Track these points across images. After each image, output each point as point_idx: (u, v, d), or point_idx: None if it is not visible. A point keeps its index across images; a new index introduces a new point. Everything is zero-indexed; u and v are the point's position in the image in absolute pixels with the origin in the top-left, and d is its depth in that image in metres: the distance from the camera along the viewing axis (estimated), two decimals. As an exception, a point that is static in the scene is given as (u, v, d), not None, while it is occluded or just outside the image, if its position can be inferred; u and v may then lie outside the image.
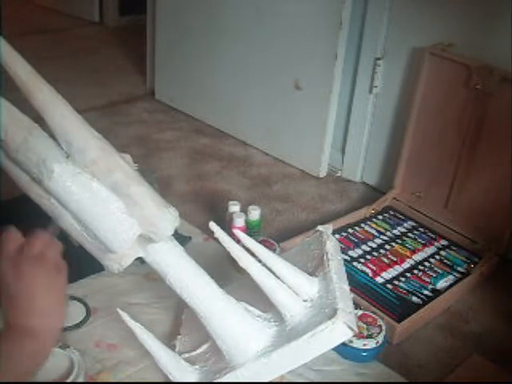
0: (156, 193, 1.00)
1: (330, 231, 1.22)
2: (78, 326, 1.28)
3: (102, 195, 0.96)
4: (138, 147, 2.17)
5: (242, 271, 1.11)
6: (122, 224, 0.96)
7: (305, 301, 1.06)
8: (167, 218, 0.98)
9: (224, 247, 1.09)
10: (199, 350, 1.16)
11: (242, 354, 1.03)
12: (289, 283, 1.07)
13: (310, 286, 1.08)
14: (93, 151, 0.95)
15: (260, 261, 1.09)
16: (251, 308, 1.09)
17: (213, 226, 1.08)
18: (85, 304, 1.34)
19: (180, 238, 1.58)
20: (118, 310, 1.08)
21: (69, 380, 1.05)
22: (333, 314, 0.98)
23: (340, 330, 0.97)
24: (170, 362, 1.09)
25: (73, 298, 1.35)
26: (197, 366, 1.11)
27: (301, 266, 1.14)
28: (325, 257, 1.13)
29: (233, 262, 1.12)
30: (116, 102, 2.54)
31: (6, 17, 2.85)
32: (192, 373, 1.09)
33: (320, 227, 1.23)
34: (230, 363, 1.05)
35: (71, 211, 0.97)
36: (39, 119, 0.97)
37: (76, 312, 1.32)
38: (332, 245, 1.17)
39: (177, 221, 1.00)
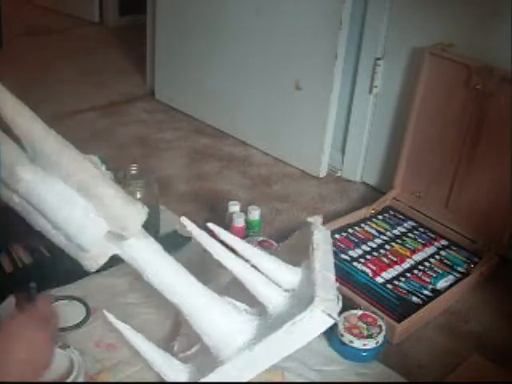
0: (122, 190, 1.01)
1: (320, 222, 1.20)
2: (77, 325, 1.28)
3: (68, 196, 0.97)
4: (137, 147, 2.17)
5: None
6: (89, 223, 0.97)
7: (287, 291, 1.06)
8: (134, 214, 0.99)
9: (199, 242, 1.08)
10: (193, 349, 1.15)
11: (227, 348, 1.03)
12: (269, 275, 1.06)
13: (292, 277, 1.07)
14: (56, 154, 0.96)
15: (240, 255, 1.09)
16: (237, 303, 1.08)
17: (184, 220, 1.08)
18: (85, 304, 1.34)
19: (180, 238, 1.59)
20: (105, 311, 1.08)
21: (69, 380, 1.05)
22: (311, 302, 0.97)
23: (319, 318, 0.96)
24: (161, 361, 1.08)
25: (73, 298, 1.35)
26: (189, 365, 1.11)
27: (290, 258, 1.12)
28: (311, 247, 1.12)
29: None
30: (116, 102, 2.54)
31: (6, 17, 2.86)
32: (183, 372, 1.09)
33: (309, 218, 1.22)
34: (218, 358, 1.04)
35: (42, 213, 0.99)
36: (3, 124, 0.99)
37: (76, 312, 1.32)
38: (320, 235, 1.16)
39: (144, 216, 1.01)
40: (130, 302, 1.35)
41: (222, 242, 1.12)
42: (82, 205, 0.98)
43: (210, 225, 1.10)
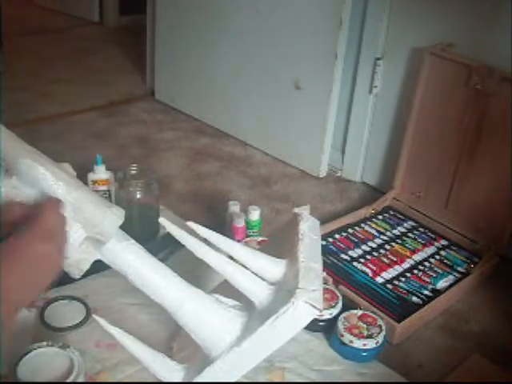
0: (96, 195, 1.01)
1: (307, 212, 1.19)
2: (77, 325, 1.28)
3: None
4: (137, 147, 2.17)
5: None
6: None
7: (272, 285, 1.05)
8: (109, 217, 0.98)
9: (179, 240, 1.08)
10: (191, 348, 1.15)
11: (216, 346, 1.02)
12: (253, 268, 1.06)
13: (276, 269, 1.06)
14: (27, 163, 0.96)
15: (223, 250, 1.08)
16: (225, 299, 1.07)
17: (163, 221, 1.08)
18: (85, 304, 1.34)
19: (180, 238, 1.58)
20: (94, 316, 1.07)
21: (69, 380, 1.05)
22: (293, 294, 0.95)
23: (302, 309, 0.94)
24: (156, 363, 1.07)
25: (73, 298, 1.35)
26: (185, 365, 1.10)
27: (277, 250, 1.12)
28: (296, 237, 1.12)
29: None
30: (116, 102, 2.54)
31: (6, 17, 2.85)
32: (179, 372, 1.08)
33: (296, 209, 1.21)
34: (209, 356, 1.04)
35: None
36: None
37: (76, 312, 1.32)
38: (307, 225, 1.14)
39: (120, 219, 1.00)
40: (130, 303, 1.35)
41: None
42: None
43: (189, 223, 1.09)
